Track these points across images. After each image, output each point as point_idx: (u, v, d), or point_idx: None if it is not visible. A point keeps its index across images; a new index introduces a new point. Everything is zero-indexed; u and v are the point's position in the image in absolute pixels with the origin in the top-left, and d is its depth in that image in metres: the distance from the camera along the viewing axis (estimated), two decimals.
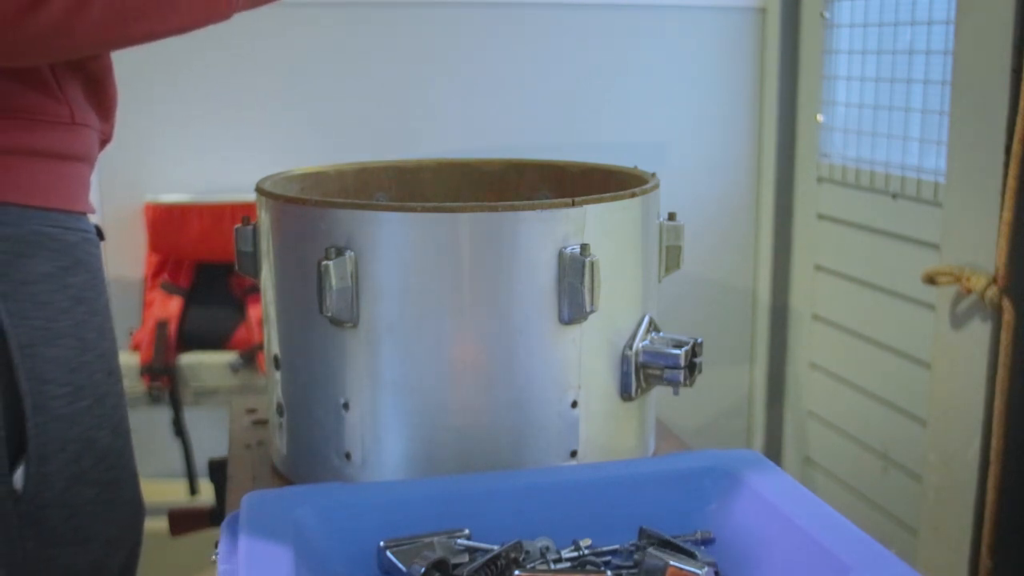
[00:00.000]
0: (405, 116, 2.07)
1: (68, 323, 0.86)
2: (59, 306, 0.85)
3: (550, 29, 2.09)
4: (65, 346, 0.86)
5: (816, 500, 0.77)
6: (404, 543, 0.75)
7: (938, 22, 1.70)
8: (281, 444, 0.99)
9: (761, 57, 2.17)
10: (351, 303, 0.87)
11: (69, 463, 0.87)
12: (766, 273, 2.21)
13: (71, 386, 0.86)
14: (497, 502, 0.79)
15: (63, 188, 0.86)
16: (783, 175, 2.16)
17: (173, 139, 2.01)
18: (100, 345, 0.90)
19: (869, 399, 1.93)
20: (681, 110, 2.18)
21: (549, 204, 0.86)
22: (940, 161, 1.67)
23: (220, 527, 0.79)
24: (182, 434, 1.85)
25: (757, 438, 2.31)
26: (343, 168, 1.15)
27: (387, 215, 0.86)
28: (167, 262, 2.00)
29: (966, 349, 1.54)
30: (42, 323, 0.83)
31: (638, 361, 0.94)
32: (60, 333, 0.85)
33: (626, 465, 0.86)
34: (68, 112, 0.86)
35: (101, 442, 0.90)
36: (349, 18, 2.02)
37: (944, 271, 1.53)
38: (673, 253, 1.02)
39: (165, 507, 1.42)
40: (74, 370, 0.87)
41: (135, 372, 1.85)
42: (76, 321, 0.87)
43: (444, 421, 0.89)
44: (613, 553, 0.79)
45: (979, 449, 1.52)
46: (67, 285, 0.86)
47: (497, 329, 0.87)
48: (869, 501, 1.94)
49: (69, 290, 0.86)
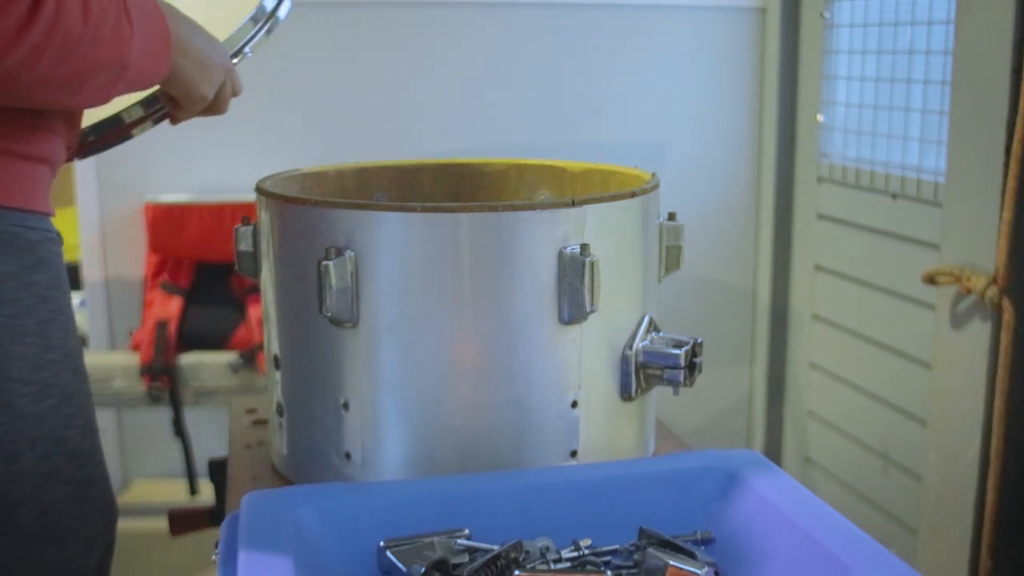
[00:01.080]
0: (405, 116, 2.07)
1: (32, 321, 0.86)
2: (24, 304, 0.85)
3: (550, 29, 2.09)
4: (30, 344, 0.85)
5: (816, 500, 0.77)
6: (404, 543, 0.75)
7: (938, 22, 1.70)
8: (281, 444, 0.99)
9: (761, 57, 2.17)
10: (351, 303, 0.87)
11: (39, 461, 0.87)
12: (766, 273, 2.21)
13: (37, 384, 0.86)
14: (497, 502, 0.79)
15: (24, 187, 0.86)
16: (783, 175, 2.16)
17: (173, 139, 2.01)
18: (65, 344, 0.90)
19: (869, 399, 1.93)
20: (681, 110, 2.18)
21: (549, 204, 0.87)
22: (940, 161, 1.67)
23: (220, 527, 0.79)
24: (182, 434, 1.85)
25: (757, 438, 2.31)
26: (343, 168, 1.15)
27: (387, 215, 0.86)
28: (167, 262, 2.00)
29: (966, 349, 1.54)
30: (7, 320, 0.83)
31: (638, 361, 0.94)
32: (25, 331, 0.85)
33: (626, 465, 0.86)
34: (30, 113, 0.85)
35: (71, 441, 0.90)
36: (349, 18, 2.02)
37: (944, 271, 1.53)
38: (673, 253, 1.02)
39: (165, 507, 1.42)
40: (40, 368, 0.86)
41: (135, 372, 1.85)
42: (40, 319, 0.86)
43: (444, 421, 0.89)
44: (613, 553, 0.79)
45: (979, 449, 1.52)
46: (31, 283, 0.86)
47: (497, 329, 0.87)
48: (869, 501, 1.94)
49: (33, 288, 0.86)
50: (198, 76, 0.92)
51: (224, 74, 0.96)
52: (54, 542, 0.90)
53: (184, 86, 0.92)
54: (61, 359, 0.89)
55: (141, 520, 1.92)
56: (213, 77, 0.94)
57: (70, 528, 0.91)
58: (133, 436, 2.10)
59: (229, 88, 0.99)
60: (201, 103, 0.95)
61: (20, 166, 0.85)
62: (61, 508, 0.90)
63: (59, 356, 0.88)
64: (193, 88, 0.93)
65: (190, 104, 0.95)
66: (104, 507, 0.97)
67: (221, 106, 1.00)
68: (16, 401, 0.84)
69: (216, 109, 1.00)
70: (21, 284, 0.85)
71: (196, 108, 0.96)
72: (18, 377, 0.84)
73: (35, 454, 0.86)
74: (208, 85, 0.94)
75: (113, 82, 0.81)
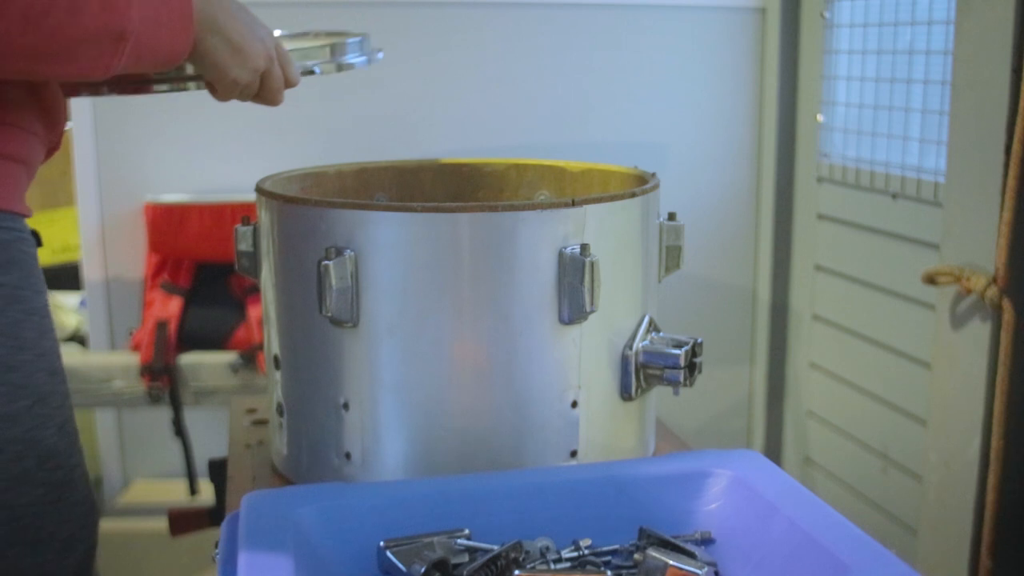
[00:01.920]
0: (405, 116, 2.07)
1: (2, 322, 0.84)
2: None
3: (550, 29, 2.09)
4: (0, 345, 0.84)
5: (816, 500, 0.77)
6: (404, 543, 0.75)
7: (938, 22, 1.70)
8: (281, 444, 0.99)
9: (761, 57, 2.17)
10: (351, 303, 0.87)
11: (9, 463, 0.85)
12: (766, 273, 2.21)
13: (8, 385, 0.85)
14: (497, 502, 0.79)
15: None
16: (783, 175, 2.16)
17: (173, 139, 2.01)
18: (40, 344, 0.88)
19: (869, 399, 1.93)
20: (681, 110, 2.18)
21: (549, 204, 0.86)
22: (940, 161, 1.67)
23: (220, 527, 0.79)
24: (182, 434, 1.85)
25: (757, 438, 2.31)
26: (343, 168, 1.15)
27: (387, 215, 0.86)
28: (167, 262, 2.00)
29: (966, 349, 1.54)
30: None
31: (638, 361, 0.94)
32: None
33: (626, 465, 0.86)
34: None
35: (45, 442, 0.88)
36: (349, 18, 2.02)
37: (944, 271, 1.53)
38: (673, 253, 1.02)
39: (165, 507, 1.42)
40: (11, 369, 0.85)
41: (135, 372, 1.85)
42: (10, 320, 0.85)
43: (444, 421, 0.89)
44: (613, 553, 0.79)
45: (979, 449, 1.52)
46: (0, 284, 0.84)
47: (497, 329, 0.87)
48: (869, 501, 1.94)
49: (1, 289, 0.84)
50: (230, 59, 0.87)
51: (266, 61, 0.90)
52: (28, 544, 0.88)
53: (214, 67, 0.87)
54: (35, 359, 0.87)
55: (141, 520, 1.92)
56: (249, 63, 0.89)
57: (45, 531, 0.89)
58: (133, 436, 2.10)
59: (278, 77, 0.93)
60: (233, 87, 0.90)
61: None
62: (35, 511, 0.88)
63: (32, 357, 0.87)
64: (223, 71, 0.88)
65: (223, 88, 0.91)
66: (83, 509, 0.95)
67: (269, 95, 0.94)
68: None
69: (265, 99, 0.94)
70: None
71: (230, 92, 0.91)
72: None
73: (5, 456, 0.85)
74: (242, 70, 0.89)
75: (109, 53, 0.76)
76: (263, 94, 0.94)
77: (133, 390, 1.85)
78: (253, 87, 0.92)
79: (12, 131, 0.86)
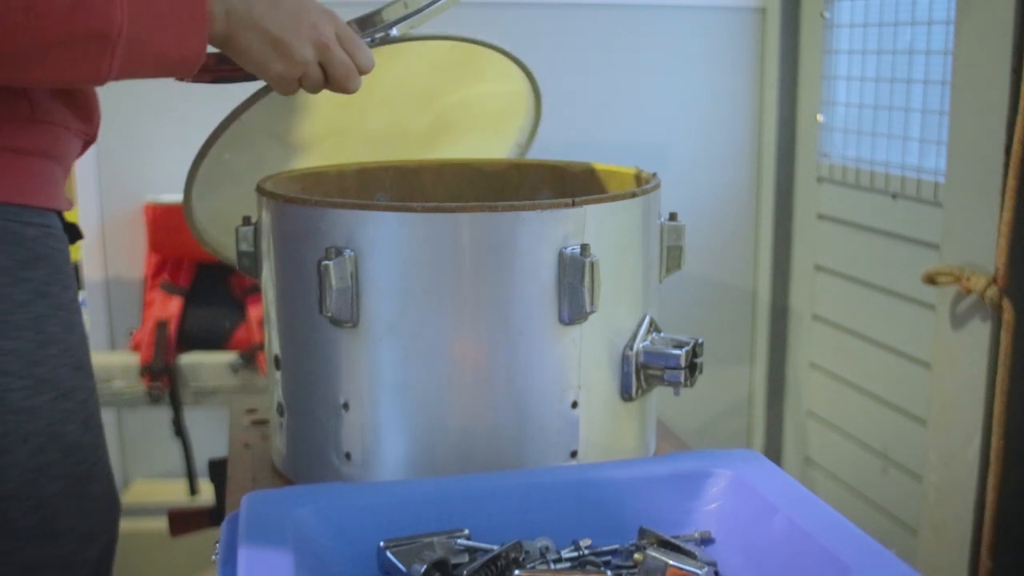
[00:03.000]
0: None
1: (26, 317, 0.85)
2: (16, 299, 0.84)
3: (550, 29, 2.09)
4: (24, 339, 0.85)
5: (816, 500, 0.77)
6: (404, 543, 0.75)
7: (938, 22, 1.70)
8: (281, 444, 0.99)
9: (761, 57, 2.17)
10: (351, 303, 0.87)
11: (32, 456, 0.86)
12: (766, 273, 2.21)
13: (32, 379, 0.85)
14: (497, 502, 0.79)
15: (18, 182, 0.85)
16: (783, 175, 2.16)
17: (173, 139, 2.01)
18: (66, 339, 0.89)
19: (869, 399, 1.93)
20: (681, 110, 2.18)
21: (549, 204, 0.86)
22: (940, 161, 1.67)
23: (220, 527, 0.79)
24: (182, 434, 1.85)
25: (757, 438, 2.31)
26: (343, 168, 1.15)
27: (387, 215, 0.86)
28: (167, 262, 2.00)
29: (966, 349, 1.54)
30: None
31: (638, 361, 0.94)
32: (17, 326, 0.84)
33: (626, 465, 0.86)
34: (27, 106, 0.84)
35: (69, 436, 0.89)
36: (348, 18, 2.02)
37: (944, 271, 1.53)
38: (674, 253, 1.02)
39: (165, 507, 1.43)
40: (36, 363, 0.86)
41: (135, 372, 1.85)
42: (36, 315, 0.86)
43: (444, 421, 0.89)
44: (613, 553, 0.79)
45: (979, 449, 1.52)
46: (25, 279, 0.85)
47: (497, 329, 0.87)
48: (869, 501, 1.94)
49: (27, 284, 0.85)
50: (270, 53, 0.83)
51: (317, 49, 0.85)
52: (49, 537, 0.89)
53: (254, 64, 0.84)
54: (60, 354, 0.88)
55: (141, 520, 1.92)
56: (293, 54, 0.84)
57: (66, 523, 0.90)
58: (133, 436, 2.10)
59: (342, 63, 0.87)
60: (281, 82, 0.86)
61: (16, 161, 0.84)
62: (57, 503, 0.89)
63: (57, 351, 0.88)
64: (264, 66, 0.84)
65: (272, 84, 0.87)
66: (105, 503, 0.96)
67: (337, 84, 0.88)
68: (8, 396, 0.84)
69: (334, 87, 0.89)
70: (13, 279, 0.84)
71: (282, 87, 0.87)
72: (10, 371, 0.84)
73: (28, 448, 0.86)
74: (285, 63, 0.84)
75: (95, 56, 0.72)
76: (330, 83, 0.88)
77: (133, 390, 1.85)
78: (314, 78, 0.87)
79: (41, 127, 0.86)
